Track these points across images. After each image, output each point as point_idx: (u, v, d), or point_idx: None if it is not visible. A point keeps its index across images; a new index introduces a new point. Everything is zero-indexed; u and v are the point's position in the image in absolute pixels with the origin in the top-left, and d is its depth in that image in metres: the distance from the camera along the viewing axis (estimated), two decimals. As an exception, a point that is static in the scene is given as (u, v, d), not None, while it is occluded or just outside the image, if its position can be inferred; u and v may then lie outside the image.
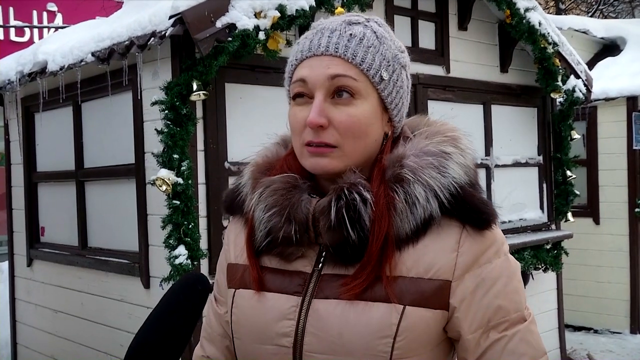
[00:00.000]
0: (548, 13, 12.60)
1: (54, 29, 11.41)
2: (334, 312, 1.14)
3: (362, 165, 1.20)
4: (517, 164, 5.56)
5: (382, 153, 1.23)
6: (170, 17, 3.28)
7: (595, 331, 7.42)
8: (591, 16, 14.76)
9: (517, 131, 5.60)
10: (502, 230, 4.79)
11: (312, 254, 1.21)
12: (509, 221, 5.43)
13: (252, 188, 1.26)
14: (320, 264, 1.20)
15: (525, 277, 5.46)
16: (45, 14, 12.15)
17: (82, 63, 3.89)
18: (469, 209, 1.16)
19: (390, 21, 4.58)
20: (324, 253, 1.19)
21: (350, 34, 1.19)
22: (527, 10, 5.03)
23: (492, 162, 5.34)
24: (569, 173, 5.70)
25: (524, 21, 5.02)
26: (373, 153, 1.22)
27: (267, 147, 1.35)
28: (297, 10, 3.57)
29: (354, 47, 1.18)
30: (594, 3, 16.30)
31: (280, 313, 1.19)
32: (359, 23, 1.22)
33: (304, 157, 1.20)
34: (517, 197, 5.55)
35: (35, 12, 11.99)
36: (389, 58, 1.21)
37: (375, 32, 1.22)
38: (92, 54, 3.79)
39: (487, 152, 5.32)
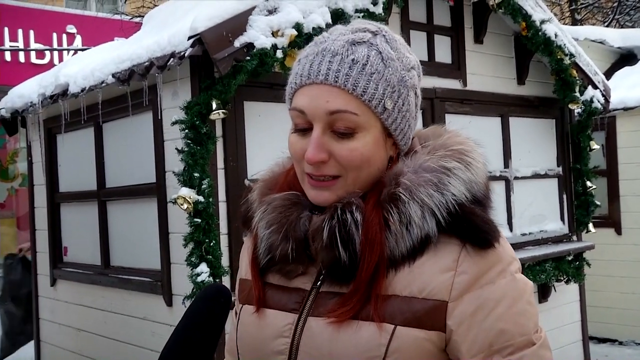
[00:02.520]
0: (564, 24, 12.59)
1: (73, 51, 11.57)
2: (325, 331, 1.13)
3: (366, 189, 1.18)
4: (536, 176, 5.54)
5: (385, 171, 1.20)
6: (189, 38, 3.33)
7: (620, 343, 7.34)
8: (607, 26, 14.70)
9: (535, 143, 5.58)
10: (523, 243, 4.72)
11: (314, 271, 1.19)
12: (530, 233, 5.40)
13: (259, 205, 1.27)
14: (319, 282, 1.18)
15: (548, 289, 5.43)
16: (64, 36, 12.32)
17: (103, 84, 3.95)
18: (467, 227, 1.12)
19: (406, 36, 4.62)
20: (324, 270, 1.18)
21: (353, 60, 1.13)
22: (542, 22, 5.04)
23: (511, 174, 5.32)
24: (589, 184, 5.67)
25: (540, 33, 5.03)
26: (378, 177, 1.19)
27: (277, 162, 1.34)
28: (313, 28, 3.61)
29: (356, 76, 1.12)
30: (610, 13, 16.24)
31: (277, 330, 1.19)
32: (364, 42, 1.16)
33: (306, 187, 1.20)
34: (537, 209, 5.53)
35: (55, 35, 12.17)
36: (394, 83, 1.15)
37: (381, 53, 1.15)
38: (113, 76, 3.85)
39: (506, 165, 5.31)
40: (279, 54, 3.49)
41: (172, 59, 3.43)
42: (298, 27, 3.56)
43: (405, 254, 1.12)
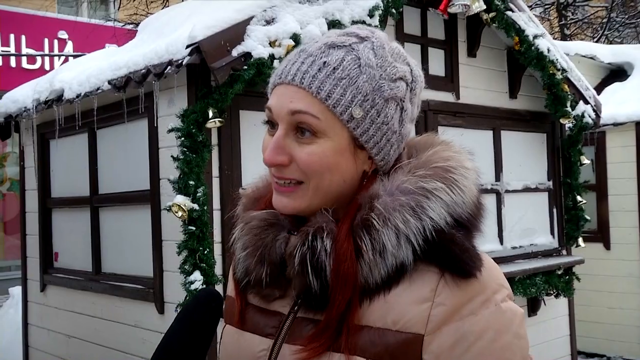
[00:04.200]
0: (553, 39, 12.67)
1: (64, 57, 11.56)
2: None
3: (335, 204, 1.12)
4: (527, 190, 5.58)
5: (360, 190, 1.12)
6: (188, 46, 3.34)
7: (608, 358, 7.36)
8: (596, 41, 14.84)
9: (526, 157, 5.63)
10: (513, 256, 4.71)
11: (292, 294, 1.13)
12: (520, 246, 5.44)
13: (238, 222, 1.23)
14: (297, 306, 1.13)
15: (537, 303, 5.46)
16: (56, 42, 12.31)
17: (99, 91, 3.95)
18: (445, 256, 1.04)
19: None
20: (298, 297, 1.13)
21: (324, 62, 1.08)
22: (535, 37, 5.09)
23: (502, 187, 5.36)
24: (579, 198, 5.70)
25: (533, 48, 5.07)
26: (347, 192, 1.12)
27: (261, 177, 1.30)
28: (310, 38, 3.63)
29: (322, 79, 1.07)
30: (599, 29, 16.39)
31: (253, 355, 1.15)
32: (344, 46, 1.10)
33: (273, 191, 1.16)
34: (528, 223, 5.56)
35: (46, 40, 12.15)
36: (366, 91, 1.07)
37: (359, 59, 1.08)
38: (109, 82, 3.86)
39: (497, 178, 5.35)
40: (276, 63, 3.51)
41: (169, 67, 3.44)
42: (295, 37, 3.59)
43: (380, 283, 1.05)
